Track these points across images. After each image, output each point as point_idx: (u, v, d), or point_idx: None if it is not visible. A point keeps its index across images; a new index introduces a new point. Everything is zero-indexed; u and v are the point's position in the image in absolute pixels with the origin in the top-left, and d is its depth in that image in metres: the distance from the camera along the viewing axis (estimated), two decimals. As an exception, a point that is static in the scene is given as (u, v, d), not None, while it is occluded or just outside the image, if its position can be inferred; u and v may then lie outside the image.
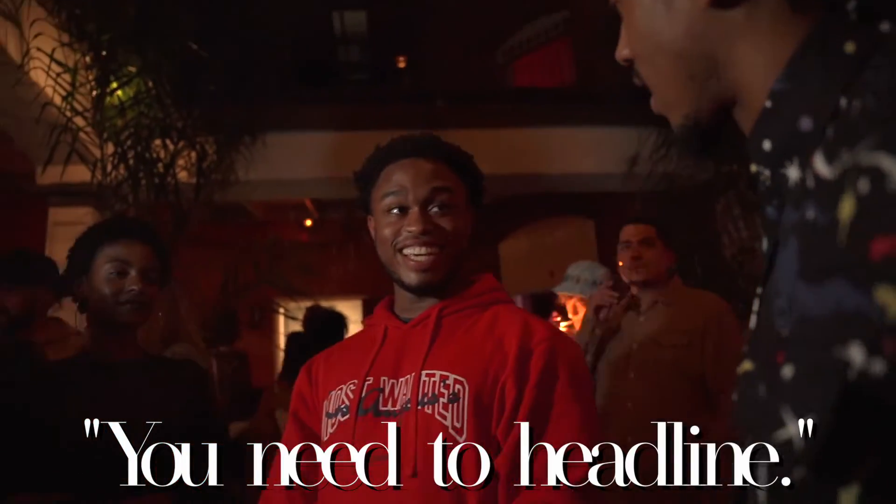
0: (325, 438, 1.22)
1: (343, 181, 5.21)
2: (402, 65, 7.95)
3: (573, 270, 3.13)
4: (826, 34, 0.49)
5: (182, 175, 3.96)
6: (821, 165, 0.42)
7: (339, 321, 4.39)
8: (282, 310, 4.06)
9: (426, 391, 1.15)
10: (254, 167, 4.30)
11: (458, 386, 1.14)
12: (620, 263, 2.52)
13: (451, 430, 1.11)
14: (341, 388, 1.23)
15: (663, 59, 0.57)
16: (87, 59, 3.54)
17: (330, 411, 1.23)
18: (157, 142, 3.81)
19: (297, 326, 4.25)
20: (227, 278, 3.79)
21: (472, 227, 1.27)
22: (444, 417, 1.12)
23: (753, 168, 0.55)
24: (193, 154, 3.99)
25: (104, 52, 3.53)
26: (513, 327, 1.20)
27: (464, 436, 1.11)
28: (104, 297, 1.54)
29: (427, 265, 1.20)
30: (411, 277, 1.20)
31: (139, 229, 1.63)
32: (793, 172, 0.49)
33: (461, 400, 1.13)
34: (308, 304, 4.06)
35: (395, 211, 1.22)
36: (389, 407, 1.17)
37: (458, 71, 6.88)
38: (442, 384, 1.15)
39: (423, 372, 1.17)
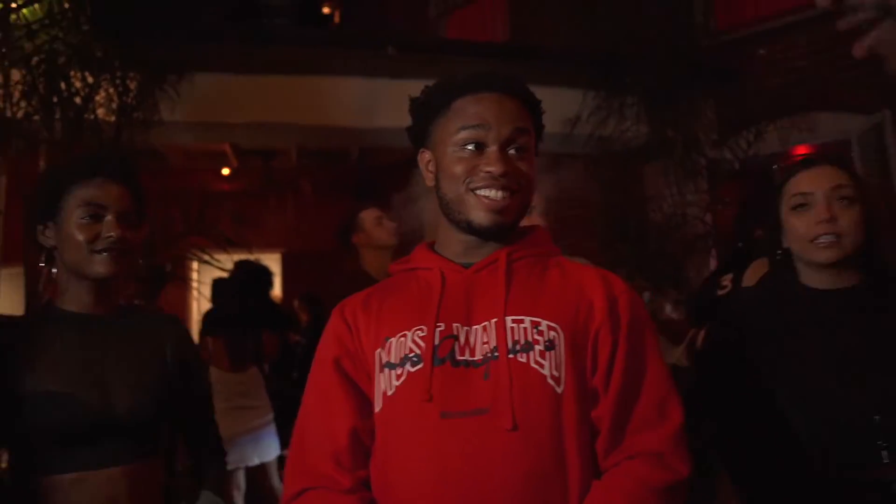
0: (391, 392, 1.09)
1: (271, 127, 4.96)
2: (327, 11, 7.63)
3: None
4: None
5: (100, 112, 3.63)
6: None
7: (268, 275, 4.23)
8: (215, 262, 3.83)
9: (516, 338, 1.06)
10: (179, 108, 4.00)
11: (552, 332, 1.07)
12: None
13: (549, 380, 1.04)
14: (405, 335, 1.11)
15: None
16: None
17: (392, 360, 1.11)
18: (74, 73, 3.47)
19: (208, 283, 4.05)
20: (153, 228, 3.53)
21: None
22: (542, 366, 1.04)
23: None
24: (113, 90, 3.66)
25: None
26: (589, 275, 1.14)
27: (562, 386, 1.04)
28: (77, 245, 1.36)
29: (501, 206, 1.11)
30: (482, 217, 1.11)
31: (114, 166, 1.43)
32: None
33: (558, 347, 1.06)
34: (237, 256, 3.88)
35: (470, 147, 1.12)
36: (468, 356, 1.07)
37: (388, 21, 6.67)
38: (535, 330, 1.07)
39: (509, 318, 1.08)
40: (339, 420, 1.12)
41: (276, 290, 6.24)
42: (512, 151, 1.13)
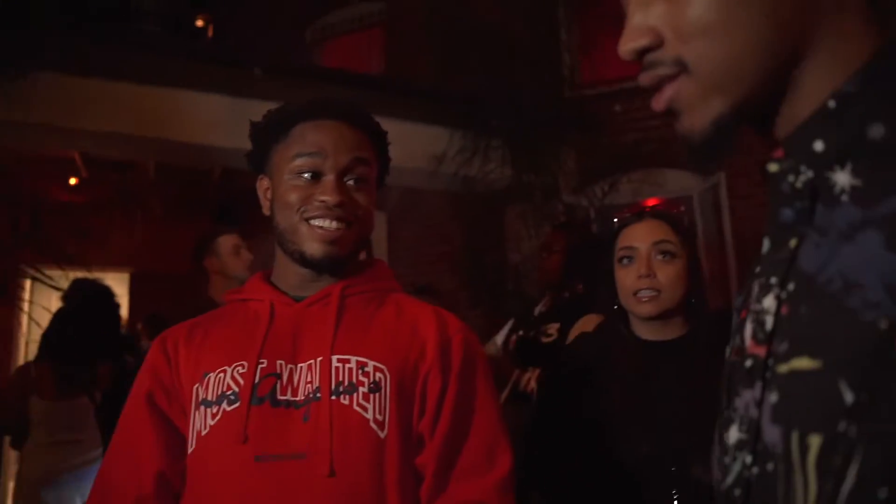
0: (204, 432, 1.02)
1: (126, 138, 4.65)
2: (200, 23, 7.36)
3: None
4: None
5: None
6: None
7: (108, 296, 3.93)
8: (47, 279, 3.50)
9: (340, 378, 1.01)
10: (18, 107, 3.67)
11: (378, 374, 1.02)
12: None
13: (372, 424, 1.00)
14: (224, 371, 1.04)
15: (744, 31, 0.51)
16: None
17: (208, 398, 1.03)
18: None
19: (52, 297, 3.72)
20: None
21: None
22: (365, 409, 1.00)
23: (775, 167, 0.52)
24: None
25: None
26: (425, 315, 1.11)
27: (386, 430, 1.00)
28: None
29: (335, 237, 1.07)
30: (315, 248, 1.07)
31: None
32: (842, 177, 0.48)
33: (383, 389, 1.01)
34: (75, 274, 3.57)
35: (306, 175, 1.08)
36: (289, 396, 1.01)
37: (263, 41, 6.52)
38: (360, 371, 1.02)
39: (335, 357, 1.03)
40: (146, 462, 1.05)
41: (122, 312, 5.83)
42: (350, 182, 1.10)
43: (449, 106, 4.63)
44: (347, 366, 1.03)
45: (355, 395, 1.01)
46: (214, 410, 1.03)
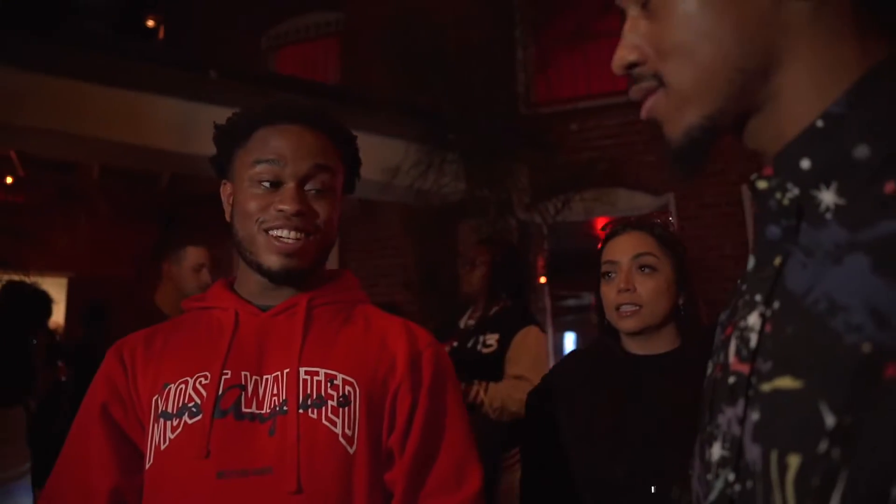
0: (164, 446, 0.97)
1: (68, 138, 4.47)
2: (151, 24, 7.18)
3: None
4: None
5: None
6: None
7: (45, 301, 3.78)
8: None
9: (308, 391, 0.97)
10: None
11: (347, 387, 0.99)
12: None
13: (341, 440, 0.96)
14: (186, 382, 0.99)
15: (712, 48, 0.54)
16: None
17: (168, 410, 0.98)
18: None
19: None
20: None
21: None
22: (334, 424, 0.96)
23: (763, 184, 0.53)
24: None
25: None
26: (395, 328, 1.08)
27: (355, 446, 0.97)
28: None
29: (294, 249, 1.02)
30: (273, 261, 1.03)
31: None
32: (827, 196, 0.49)
33: (353, 403, 0.98)
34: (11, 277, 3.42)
35: (265, 183, 1.03)
36: (254, 409, 0.97)
37: (216, 46, 6.40)
38: (329, 384, 0.98)
39: (302, 369, 0.99)
40: (99, 478, 0.99)
41: (59, 318, 5.60)
42: (311, 190, 1.06)
43: (405, 119, 4.62)
44: (316, 378, 1.00)
45: (324, 408, 0.98)
46: (175, 423, 0.98)
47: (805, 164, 0.51)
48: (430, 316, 4.68)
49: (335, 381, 1.00)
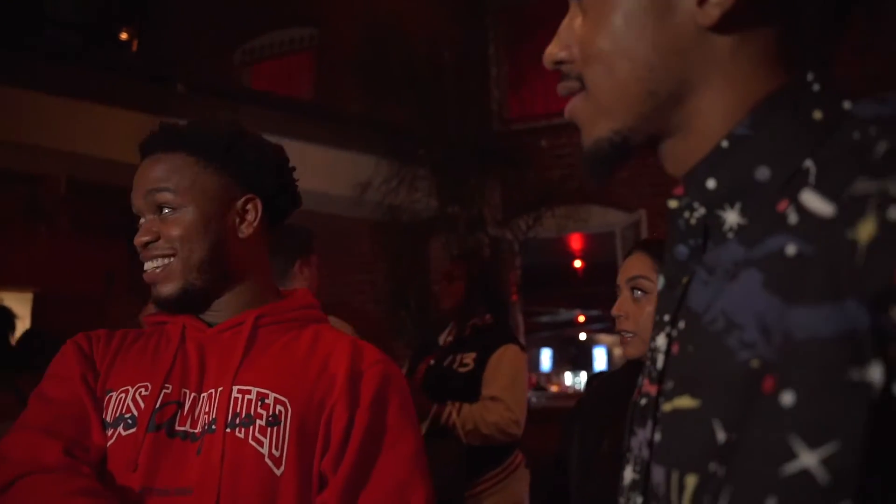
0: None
1: (33, 150, 4.39)
2: (125, 37, 7.13)
3: None
4: (798, 94, 0.49)
5: None
6: (816, 203, 0.43)
7: (7, 317, 3.69)
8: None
9: (238, 410, 0.95)
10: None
11: (279, 406, 0.96)
12: None
13: (267, 460, 0.93)
14: (127, 391, 0.98)
15: (629, 66, 0.53)
16: None
17: (107, 419, 0.97)
18: None
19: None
20: None
21: (248, 209, 1.08)
22: (261, 444, 0.94)
23: (675, 203, 0.53)
24: None
25: None
26: (340, 347, 1.05)
27: (282, 467, 0.94)
28: None
29: (156, 278, 1.03)
30: (153, 292, 1.03)
31: None
32: (731, 216, 0.49)
33: (283, 423, 0.96)
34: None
35: (142, 220, 1.05)
36: (188, 427, 0.96)
37: (191, 60, 6.36)
38: (260, 403, 0.96)
39: (235, 387, 0.97)
40: (97, 430, 0.98)
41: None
42: (166, 212, 1.04)
43: (376, 134, 4.61)
44: (247, 397, 0.98)
45: (252, 427, 0.95)
46: (110, 433, 0.97)
47: (711, 183, 0.51)
48: (401, 332, 4.65)
49: (266, 400, 0.97)
